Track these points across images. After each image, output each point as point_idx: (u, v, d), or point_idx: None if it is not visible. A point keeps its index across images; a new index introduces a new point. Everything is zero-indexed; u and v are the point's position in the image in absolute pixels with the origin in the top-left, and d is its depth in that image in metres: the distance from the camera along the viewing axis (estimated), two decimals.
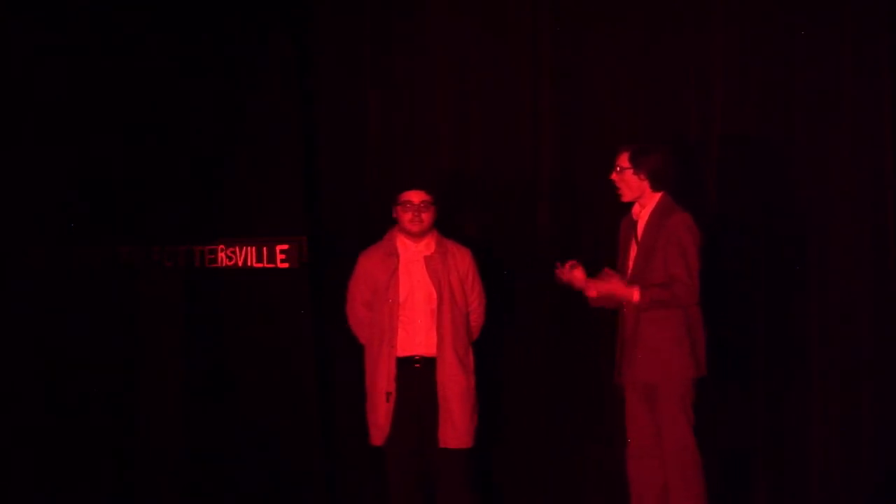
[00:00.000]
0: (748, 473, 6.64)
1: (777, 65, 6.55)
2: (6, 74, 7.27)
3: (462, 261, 6.43)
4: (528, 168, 7.03)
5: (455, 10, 7.17)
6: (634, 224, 6.15)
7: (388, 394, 6.31)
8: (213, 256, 7.41)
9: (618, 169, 6.09)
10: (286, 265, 7.26)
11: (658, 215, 6.04)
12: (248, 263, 7.34)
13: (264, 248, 7.31)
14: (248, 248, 7.35)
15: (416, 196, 6.33)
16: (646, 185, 6.07)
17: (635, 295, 5.94)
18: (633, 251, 6.11)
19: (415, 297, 6.35)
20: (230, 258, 7.38)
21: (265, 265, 7.31)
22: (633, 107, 6.81)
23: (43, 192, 7.40)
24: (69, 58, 7.34)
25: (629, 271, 6.09)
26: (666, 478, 6.02)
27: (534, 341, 7.03)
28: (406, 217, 6.33)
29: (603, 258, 6.32)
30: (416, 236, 6.36)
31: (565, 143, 6.96)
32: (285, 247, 7.26)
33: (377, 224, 7.15)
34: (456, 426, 6.30)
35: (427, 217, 6.34)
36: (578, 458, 7.01)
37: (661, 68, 6.75)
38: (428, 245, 6.39)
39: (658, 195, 6.08)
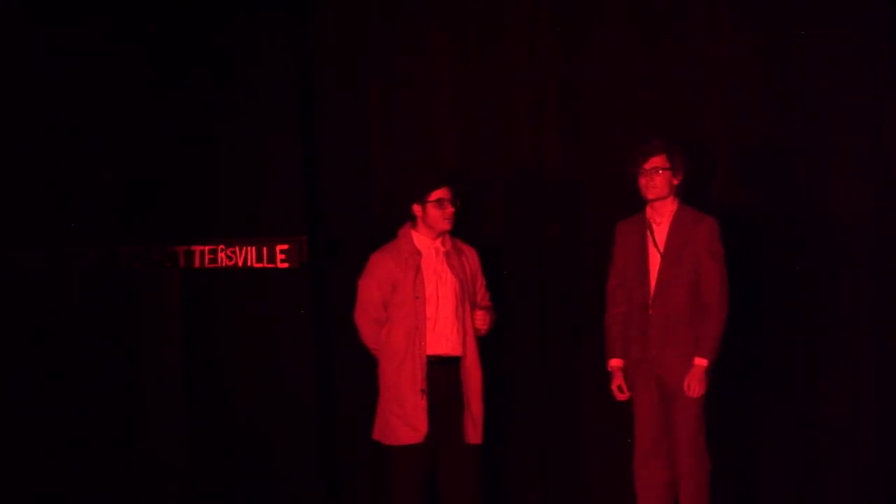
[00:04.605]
0: (748, 473, 6.65)
1: (777, 65, 6.55)
2: (6, 74, 7.28)
3: (472, 259, 6.45)
4: (531, 166, 7.03)
5: (456, 7, 7.17)
6: (647, 228, 6.16)
7: (423, 390, 6.28)
8: (213, 256, 7.41)
9: (656, 169, 6.10)
10: (286, 265, 7.26)
11: (684, 222, 6.10)
12: (248, 263, 7.34)
13: (264, 248, 7.31)
14: (248, 248, 7.34)
15: (447, 193, 6.33)
16: (673, 188, 6.12)
17: (704, 363, 6.03)
18: (653, 258, 6.13)
19: (439, 293, 6.33)
20: (230, 258, 7.38)
21: (265, 265, 7.30)
22: (634, 105, 6.80)
23: (43, 192, 7.41)
24: (68, 57, 7.34)
25: (652, 280, 6.12)
26: (676, 475, 6.09)
27: (535, 341, 7.03)
28: (439, 214, 6.29)
29: (605, 256, 6.33)
30: (444, 234, 6.36)
31: (568, 141, 6.96)
32: (285, 247, 7.26)
33: (377, 224, 7.17)
34: (475, 421, 6.30)
35: (455, 214, 6.35)
36: (580, 458, 7.01)
37: (662, 68, 6.75)
38: (444, 242, 6.39)
39: (676, 200, 6.15)
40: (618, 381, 6.22)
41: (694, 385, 6.04)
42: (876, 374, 6.43)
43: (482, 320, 6.34)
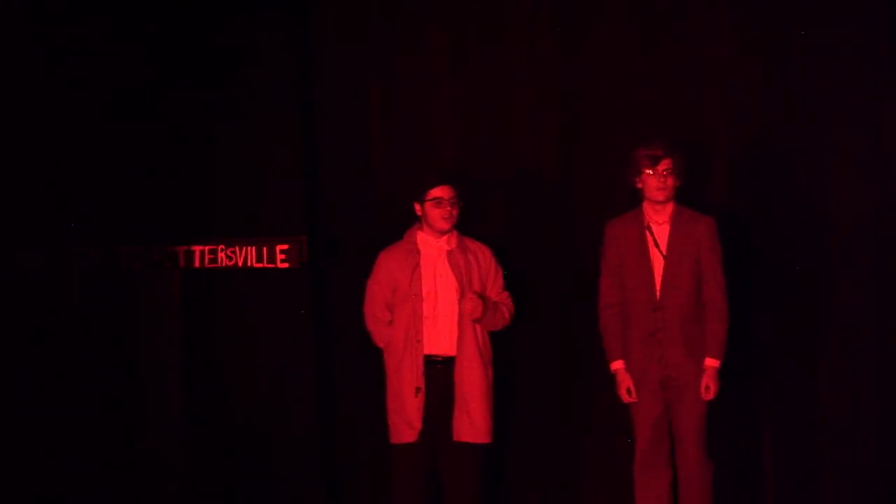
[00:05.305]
0: (750, 475, 6.65)
1: (777, 66, 6.55)
2: (6, 74, 7.28)
3: (483, 258, 6.45)
4: (531, 166, 7.03)
5: (456, 7, 7.17)
6: (647, 229, 6.16)
7: (418, 389, 6.28)
8: (213, 256, 7.41)
9: (669, 171, 6.12)
10: (286, 265, 7.26)
11: (683, 222, 6.13)
12: (248, 263, 7.34)
13: (264, 248, 7.31)
14: (248, 248, 7.34)
15: (446, 192, 6.34)
16: (675, 190, 6.15)
17: (716, 363, 6.10)
18: (656, 259, 6.14)
19: (438, 291, 6.34)
20: (230, 258, 7.37)
21: (265, 265, 7.30)
22: (634, 105, 6.80)
23: (43, 192, 7.41)
24: (69, 58, 7.34)
25: (658, 281, 6.12)
26: (679, 477, 6.13)
27: (536, 340, 7.02)
28: (438, 213, 6.32)
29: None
30: (446, 233, 6.36)
31: (568, 141, 6.95)
32: (285, 247, 7.26)
33: (377, 224, 7.17)
34: (473, 420, 6.29)
35: (456, 213, 6.35)
36: (580, 458, 7.01)
37: (662, 68, 6.74)
38: (449, 241, 6.40)
39: (673, 201, 6.17)
40: (627, 384, 6.19)
41: (712, 386, 6.07)
42: (876, 374, 6.43)
43: (471, 304, 6.28)
